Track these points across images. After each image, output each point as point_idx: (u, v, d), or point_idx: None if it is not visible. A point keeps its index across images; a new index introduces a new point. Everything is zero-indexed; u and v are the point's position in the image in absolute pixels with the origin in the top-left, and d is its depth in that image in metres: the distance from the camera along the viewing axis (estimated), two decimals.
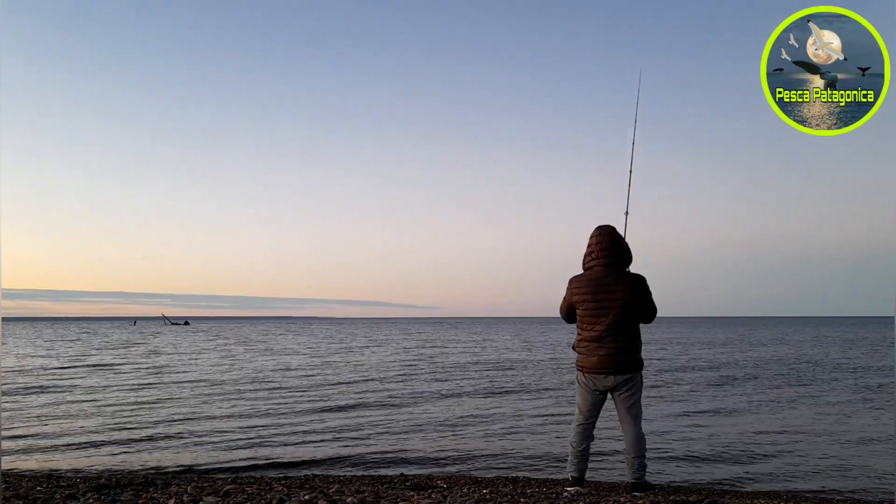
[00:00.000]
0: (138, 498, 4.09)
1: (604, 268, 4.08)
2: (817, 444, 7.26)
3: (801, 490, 5.35)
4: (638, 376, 4.09)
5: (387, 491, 4.35)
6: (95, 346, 32.65)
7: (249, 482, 5.12)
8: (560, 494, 4.14)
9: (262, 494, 4.12)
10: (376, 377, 15.42)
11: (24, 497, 4.09)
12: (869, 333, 45.45)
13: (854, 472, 5.98)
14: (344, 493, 4.16)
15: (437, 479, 5.37)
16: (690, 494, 4.40)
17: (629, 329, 4.06)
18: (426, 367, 18.48)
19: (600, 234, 4.14)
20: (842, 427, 8.35)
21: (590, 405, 4.16)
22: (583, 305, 4.11)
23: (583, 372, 4.14)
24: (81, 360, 21.69)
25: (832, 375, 15.38)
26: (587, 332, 4.11)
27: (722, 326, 78.02)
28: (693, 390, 12.44)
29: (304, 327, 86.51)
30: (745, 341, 35.05)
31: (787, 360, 20.36)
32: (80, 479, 5.36)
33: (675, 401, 10.88)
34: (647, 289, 4.09)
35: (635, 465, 4.06)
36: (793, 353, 23.95)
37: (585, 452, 4.20)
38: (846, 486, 5.48)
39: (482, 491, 4.41)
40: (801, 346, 29.89)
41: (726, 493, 4.91)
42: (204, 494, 4.12)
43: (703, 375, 15.51)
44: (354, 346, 32.15)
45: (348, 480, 5.29)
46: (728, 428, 8.26)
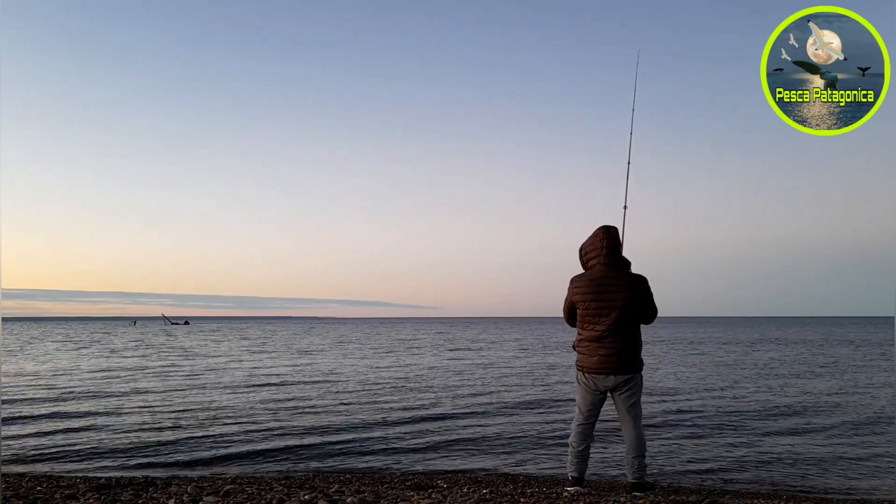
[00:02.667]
0: (138, 498, 4.09)
1: (605, 267, 4.08)
2: (817, 444, 7.25)
3: (802, 490, 5.35)
4: (638, 376, 4.09)
5: (387, 491, 4.35)
6: (135, 348, 30.09)
7: (249, 482, 5.13)
8: (560, 494, 4.14)
9: (262, 494, 4.12)
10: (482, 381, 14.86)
11: (24, 497, 4.10)
12: (869, 335, 45.42)
13: (854, 472, 5.98)
14: (344, 493, 4.17)
15: (438, 479, 5.37)
16: (690, 494, 4.41)
17: (630, 329, 4.05)
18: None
19: (602, 234, 4.13)
20: (843, 427, 8.35)
21: (590, 405, 4.16)
22: (584, 305, 4.11)
23: (583, 372, 4.14)
24: (158, 361, 21.50)
25: (832, 375, 15.38)
26: (588, 332, 4.11)
27: (722, 327, 77.99)
28: (693, 390, 12.44)
29: (320, 327, 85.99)
30: (745, 341, 35.05)
31: (787, 360, 20.36)
32: (81, 479, 5.35)
33: (675, 400, 10.88)
34: (648, 289, 4.09)
35: (635, 465, 4.06)
36: (793, 354, 23.95)
37: (585, 452, 4.20)
38: (846, 487, 5.48)
39: (482, 491, 4.41)
40: (800, 346, 29.89)
41: (726, 493, 4.91)
42: (204, 494, 4.12)
43: (704, 375, 15.51)
44: (408, 346, 31.42)
45: (348, 480, 5.29)
46: (728, 428, 8.25)
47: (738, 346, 30.38)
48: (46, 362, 20.73)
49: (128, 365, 19.77)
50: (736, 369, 17.23)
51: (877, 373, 16.14)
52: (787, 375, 15.47)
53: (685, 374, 16.00)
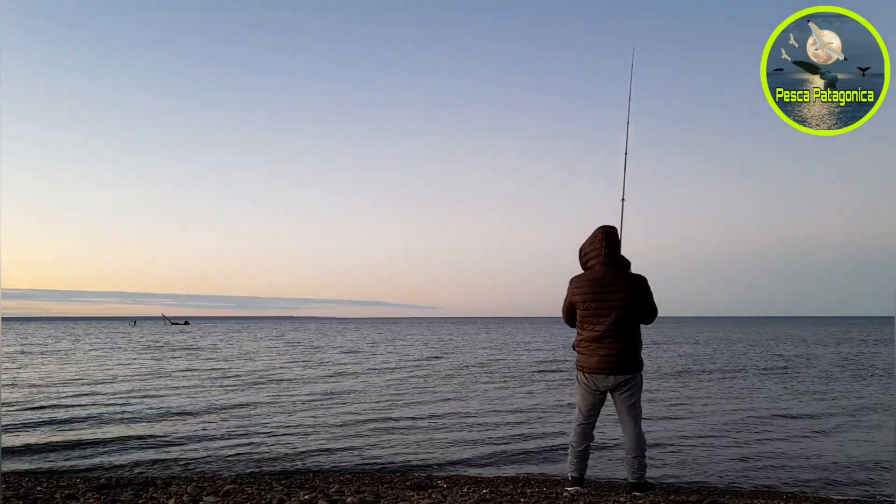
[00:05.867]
0: (138, 498, 4.09)
1: (605, 268, 4.08)
2: (818, 444, 7.25)
3: (802, 490, 5.35)
4: (638, 376, 4.09)
5: (387, 491, 4.35)
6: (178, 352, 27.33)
7: (249, 482, 5.13)
8: (560, 494, 4.14)
9: (262, 494, 4.12)
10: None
11: (24, 497, 4.10)
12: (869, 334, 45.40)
13: (854, 472, 5.98)
14: (344, 493, 4.17)
15: (437, 479, 5.37)
16: (690, 494, 4.40)
17: (630, 329, 4.05)
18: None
19: (601, 234, 4.13)
20: (842, 427, 8.34)
21: (590, 405, 4.16)
22: (583, 305, 4.11)
23: (583, 372, 4.14)
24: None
25: (832, 376, 15.38)
26: (588, 332, 4.11)
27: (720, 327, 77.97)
28: (693, 390, 12.44)
29: (336, 326, 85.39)
30: (744, 341, 35.04)
31: (786, 360, 20.36)
32: (81, 479, 5.36)
33: (675, 400, 10.88)
34: (648, 289, 4.09)
35: (635, 465, 4.06)
36: (793, 353, 23.95)
37: (585, 452, 4.20)
38: (846, 487, 5.48)
39: (482, 491, 4.42)
40: (800, 346, 29.89)
41: (726, 493, 4.91)
42: (204, 494, 4.13)
43: (704, 376, 15.51)
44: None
45: (348, 480, 5.29)
46: (728, 428, 8.25)
47: (739, 345, 30.37)
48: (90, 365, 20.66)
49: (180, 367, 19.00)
50: (736, 369, 17.23)
51: (877, 372, 16.14)
52: (787, 375, 15.47)
53: (685, 373, 15.99)
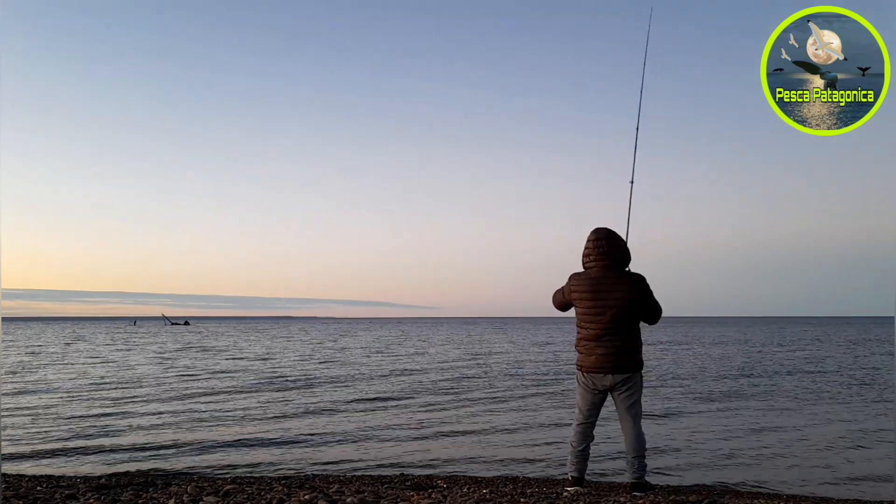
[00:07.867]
0: (138, 498, 4.09)
1: (602, 268, 4.09)
2: (818, 444, 7.25)
3: (802, 490, 5.34)
4: (637, 376, 4.09)
5: (387, 491, 4.36)
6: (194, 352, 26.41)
7: (249, 482, 5.13)
8: (560, 494, 4.14)
9: (262, 494, 4.13)
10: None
11: (24, 497, 4.10)
12: (869, 334, 45.41)
13: (854, 472, 5.97)
14: (344, 493, 4.17)
15: (437, 478, 5.36)
16: (690, 494, 4.40)
17: (628, 328, 4.06)
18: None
19: (597, 237, 4.13)
20: (843, 427, 8.34)
21: (590, 405, 4.16)
22: (582, 304, 4.11)
23: (582, 371, 4.15)
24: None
25: (832, 375, 15.37)
26: (586, 331, 4.11)
27: (720, 326, 77.98)
28: (694, 390, 12.44)
29: (344, 326, 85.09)
30: (744, 341, 35.04)
31: (787, 360, 20.36)
32: (81, 480, 5.36)
33: (674, 400, 10.88)
34: (647, 288, 4.09)
35: (635, 464, 4.06)
36: (793, 353, 23.95)
37: (585, 452, 4.20)
38: (846, 487, 5.48)
39: (482, 491, 4.42)
40: (800, 345, 29.89)
41: (726, 493, 4.91)
42: (204, 494, 4.13)
43: (704, 375, 15.51)
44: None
45: (348, 480, 5.29)
46: (728, 428, 8.25)
47: (738, 345, 30.37)
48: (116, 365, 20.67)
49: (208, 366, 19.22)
50: (736, 368, 17.23)
51: (876, 372, 16.13)
52: (788, 375, 15.46)
53: (685, 373, 15.99)
